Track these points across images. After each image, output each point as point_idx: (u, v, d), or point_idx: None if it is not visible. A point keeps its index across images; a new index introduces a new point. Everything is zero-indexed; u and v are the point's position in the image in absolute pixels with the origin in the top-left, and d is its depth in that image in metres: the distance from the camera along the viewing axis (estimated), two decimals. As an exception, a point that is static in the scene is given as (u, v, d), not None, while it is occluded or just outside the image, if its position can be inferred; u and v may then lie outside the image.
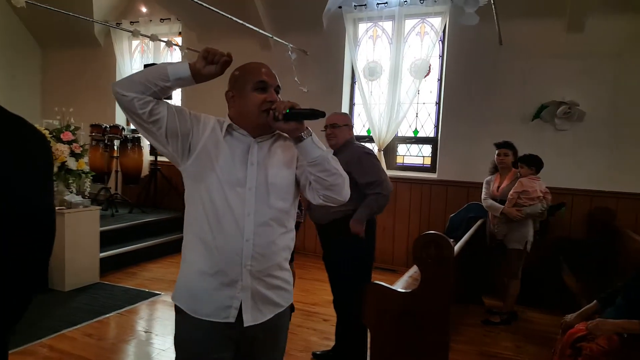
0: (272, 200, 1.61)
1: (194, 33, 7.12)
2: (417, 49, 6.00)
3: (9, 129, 0.75)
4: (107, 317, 4.03)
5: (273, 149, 1.66)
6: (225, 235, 1.55)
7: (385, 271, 5.66)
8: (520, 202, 4.17)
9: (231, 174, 1.57)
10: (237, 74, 1.71)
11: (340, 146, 3.18)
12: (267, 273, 1.61)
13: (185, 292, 1.62)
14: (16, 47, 8.18)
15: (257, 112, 1.60)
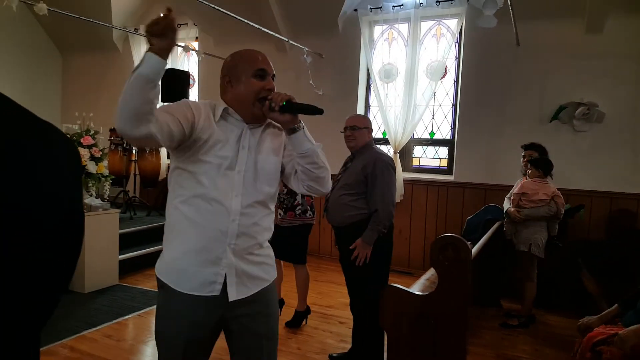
0: (259, 184, 1.68)
1: (210, 37, 7.20)
2: (433, 51, 5.98)
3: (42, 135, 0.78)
4: (126, 319, 4.08)
5: (264, 136, 1.72)
6: (212, 214, 1.61)
7: (401, 274, 5.64)
8: (522, 204, 4.18)
9: (222, 157, 1.62)
10: (233, 60, 1.73)
11: (359, 148, 3.19)
12: (249, 251, 1.68)
13: (169, 267, 1.67)
14: (37, 53, 8.35)
15: (254, 98, 1.65)
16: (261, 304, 1.73)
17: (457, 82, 5.91)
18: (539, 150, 4.42)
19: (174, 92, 6.70)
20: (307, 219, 3.98)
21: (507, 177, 5.14)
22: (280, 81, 6.53)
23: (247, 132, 1.68)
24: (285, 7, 6.27)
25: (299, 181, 1.73)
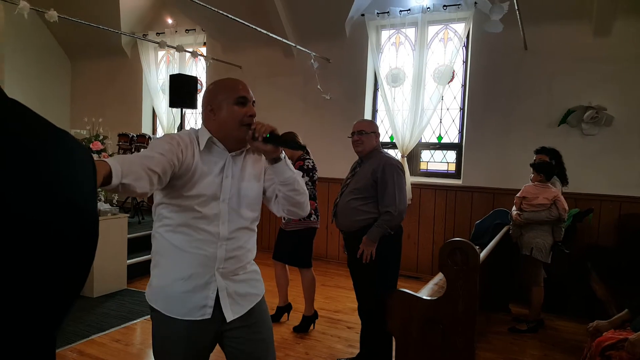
0: (243, 210, 1.75)
1: (218, 43, 7.24)
2: (440, 55, 5.99)
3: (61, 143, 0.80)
4: (134, 323, 4.11)
5: (245, 163, 1.78)
6: (200, 242, 1.67)
7: (409, 279, 5.63)
8: (523, 208, 4.19)
9: (208, 188, 1.67)
10: (214, 90, 1.76)
11: (366, 153, 3.19)
12: (235, 272, 1.75)
13: (159, 295, 1.72)
14: (47, 59, 8.45)
15: (237, 125, 1.69)
16: (254, 316, 1.80)
17: (465, 86, 5.90)
18: (551, 154, 4.40)
19: (182, 97, 6.73)
20: (312, 223, 3.99)
21: (516, 181, 5.11)
22: (287, 86, 6.60)
23: (230, 161, 1.73)
24: (292, 12, 6.30)
25: (279, 205, 1.81)
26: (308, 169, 3.94)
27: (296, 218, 3.78)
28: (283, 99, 6.76)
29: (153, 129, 8.29)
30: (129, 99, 8.17)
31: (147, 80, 7.88)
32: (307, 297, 4.02)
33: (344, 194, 3.20)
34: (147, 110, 8.21)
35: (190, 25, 7.46)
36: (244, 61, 7.00)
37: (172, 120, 7.61)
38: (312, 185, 3.98)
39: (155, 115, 8.07)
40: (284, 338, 3.88)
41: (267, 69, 6.88)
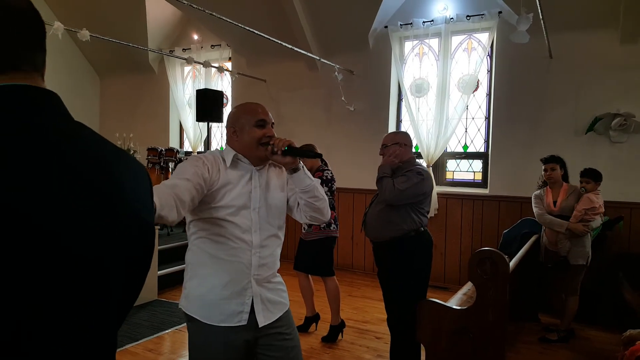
0: (271, 219, 1.90)
1: (243, 58, 7.38)
2: (464, 65, 6.00)
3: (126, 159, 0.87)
4: (165, 333, 4.19)
5: (269, 175, 1.95)
6: (236, 250, 1.81)
7: (437, 289, 5.59)
8: (587, 218, 4.09)
9: (237, 199, 1.81)
10: (237, 113, 1.94)
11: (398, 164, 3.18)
12: (268, 280, 1.89)
13: (198, 303, 1.83)
14: (76, 76, 8.69)
15: (257, 143, 1.86)
16: (283, 323, 1.92)
17: (490, 95, 5.89)
18: (559, 161, 4.34)
19: (208, 111, 6.87)
20: (331, 232, 4.06)
21: (543, 189, 5.06)
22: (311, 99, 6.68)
23: (255, 173, 1.89)
24: (316, 26, 6.39)
25: (301, 212, 1.95)
26: (327, 180, 4.01)
27: (318, 224, 3.83)
28: (307, 111, 6.84)
29: (180, 143, 8.46)
30: (157, 114, 8.36)
31: (174, 96, 8.06)
32: (332, 306, 4.05)
33: (374, 203, 3.22)
34: (175, 125, 8.39)
35: (216, 40, 7.62)
36: (268, 75, 7.12)
37: (199, 134, 7.76)
38: (331, 195, 4.04)
39: (182, 130, 8.24)
40: (313, 348, 3.91)
41: (291, 82, 6.98)
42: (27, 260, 0.66)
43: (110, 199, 0.78)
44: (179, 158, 7.19)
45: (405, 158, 3.20)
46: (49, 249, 0.68)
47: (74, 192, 0.72)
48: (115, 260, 0.79)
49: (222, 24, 5.50)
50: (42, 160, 0.70)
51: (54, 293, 0.70)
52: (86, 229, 0.73)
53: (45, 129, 0.74)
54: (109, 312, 0.82)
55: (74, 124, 0.80)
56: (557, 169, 4.27)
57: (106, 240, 0.76)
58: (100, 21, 7.40)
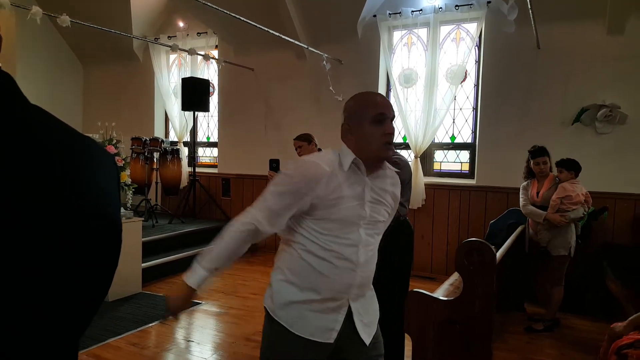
0: (375, 234, 1.76)
1: (230, 46, 7.28)
2: (452, 55, 5.97)
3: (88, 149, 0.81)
4: (150, 327, 4.12)
5: (380, 187, 1.74)
6: (341, 269, 1.65)
7: (424, 279, 5.61)
8: (563, 208, 4.10)
9: (352, 214, 1.65)
10: (353, 106, 1.71)
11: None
12: (364, 294, 1.78)
13: (287, 308, 1.69)
14: (58, 63, 8.50)
15: (378, 145, 1.63)
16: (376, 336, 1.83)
17: (478, 86, 5.87)
18: (549, 154, 4.34)
19: (195, 100, 6.78)
20: None
21: (530, 180, 5.08)
22: (300, 88, 6.63)
23: (368, 184, 1.69)
24: (304, 14, 6.31)
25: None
26: None
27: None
28: (296, 100, 6.78)
29: (165, 132, 8.34)
30: (141, 102, 8.23)
31: (159, 84, 7.92)
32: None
33: None
34: (160, 114, 8.27)
35: (202, 28, 7.50)
36: (256, 63, 7.03)
37: (185, 124, 7.65)
38: None
39: (168, 119, 8.12)
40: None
41: (279, 71, 6.90)
42: None
43: (63, 190, 0.72)
44: (164, 148, 7.09)
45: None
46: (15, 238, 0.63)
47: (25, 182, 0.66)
48: (71, 250, 0.73)
49: (209, 11, 5.40)
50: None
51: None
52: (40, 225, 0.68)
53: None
54: (64, 307, 0.75)
55: (30, 109, 0.74)
56: (547, 162, 4.28)
57: (64, 235, 0.71)
58: (83, 7, 7.22)
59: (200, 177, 7.29)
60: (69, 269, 0.73)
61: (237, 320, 4.36)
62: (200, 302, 4.75)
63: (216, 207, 7.29)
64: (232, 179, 7.38)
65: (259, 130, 7.12)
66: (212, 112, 7.61)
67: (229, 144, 7.47)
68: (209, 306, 4.70)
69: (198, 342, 3.91)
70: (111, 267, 0.83)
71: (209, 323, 4.36)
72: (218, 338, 4.02)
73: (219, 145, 7.62)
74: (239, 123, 7.30)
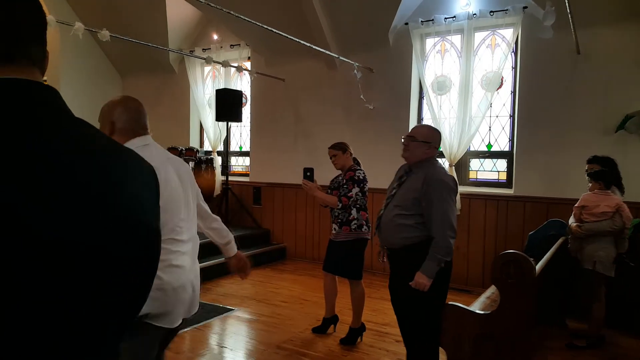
0: None
1: (262, 57, 7.35)
2: (488, 62, 5.85)
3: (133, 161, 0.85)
4: (184, 332, 4.16)
5: None
6: None
7: (459, 292, 5.46)
8: (582, 218, 3.95)
9: None
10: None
11: (417, 163, 2.92)
12: None
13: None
14: (99, 76, 8.77)
15: None
16: None
17: (515, 93, 5.74)
18: (602, 162, 4.18)
19: (228, 111, 6.89)
20: (362, 234, 3.94)
21: (570, 190, 4.91)
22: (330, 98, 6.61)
23: None
24: (335, 23, 6.32)
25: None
26: (358, 180, 3.91)
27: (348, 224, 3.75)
28: (326, 110, 6.78)
29: (200, 143, 8.48)
30: (177, 113, 8.40)
31: (194, 95, 8.08)
32: (355, 310, 3.96)
33: (389, 207, 2.95)
34: (195, 124, 8.42)
35: (235, 40, 7.61)
36: (287, 74, 7.08)
37: (219, 134, 7.77)
38: (363, 195, 3.95)
39: (202, 129, 8.26)
40: (331, 350, 3.84)
41: (309, 81, 6.93)
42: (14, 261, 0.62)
43: (104, 199, 0.74)
44: (199, 157, 7.21)
45: (423, 157, 2.91)
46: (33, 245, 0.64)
47: (64, 191, 0.68)
48: (109, 260, 0.74)
49: (241, 24, 5.47)
50: (30, 157, 0.66)
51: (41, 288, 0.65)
52: (76, 228, 0.69)
53: (41, 127, 0.70)
54: (105, 316, 0.76)
55: (72, 121, 0.77)
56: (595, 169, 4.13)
57: (98, 239, 0.72)
58: (122, 22, 7.45)
59: (232, 185, 7.36)
60: (110, 276, 0.75)
61: (268, 327, 4.35)
62: (233, 308, 4.77)
63: (248, 215, 7.34)
64: (263, 188, 7.43)
65: (290, 140, 7.15)
66: (244, 122, 7.69)
67: (260, 153, 7.53)
68: (242, 313, 4.72)
69: (231, 349, 3.95)
70: (150, 272, 0.85)
71: (241, 330, 4.39)
72: (250, 345, 4.03)
73: (251, 155, 7.69)
74: (270, 132, 7.35)
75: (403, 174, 3.01)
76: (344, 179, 3.96)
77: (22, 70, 0.74)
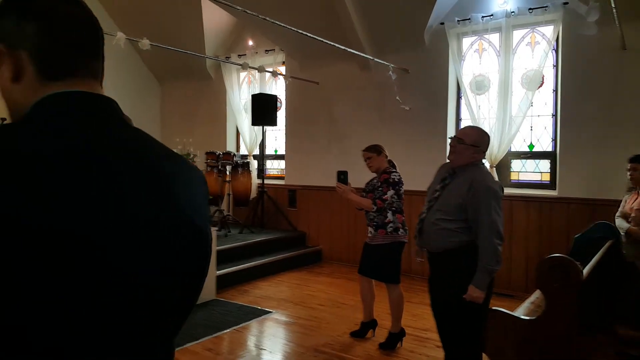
0: None
1: (296, 62, 7.39)
2: (527, 60, 5.70)
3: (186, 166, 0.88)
4: (224, 333, 4.22)
5: None
6: None
7: (500, 296, 5.31)
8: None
9: None
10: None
11: (462, 166, 2.85)
12: None
13: None
14: (138, 83, 9.01)
15: None
16: None
17: (557, 91, 5.56)
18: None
19: (263, 115, 6.98)
20: (399, 237, 3.89)
21: (617, 191, 4.71)
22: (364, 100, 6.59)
23: None
24: (368, 25, 6.29)
25: None
26: (394, 182, 3.87)
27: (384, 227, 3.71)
28: (360, 112, 6.75)
29: (237, 147, 8.60)
30: (214, 118, 8.54)
31: (231, 101, 8.19)
32: (394, 314, 3.92)
33: (432, 210, 2.87)
34: (231, 129, 8.54)
35: (270, 45, 7.68)
36: (321, 77, 7.09)
37: (254, 138, 7.86)
38: (399, 198, 3.90)
39: (239, 134, 8.37)
40: (370, 355, 3.80)
41: (343, 83, 6.92)
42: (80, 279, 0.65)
43: (166, 208, 0.77)
44: (235, 161, 7.33)
45: (470, 160, 2.84)
46: (101, 265, 0.67)
47: (129, 203, 0.72)
48: (172, 269, 0.78)
49: (276, 29, 5.52)
50: (97, 169, 0.70)
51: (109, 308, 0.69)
52: (140, 241, 0.72)
53: (100, 137, 0.74)
54: (166, 321, 0.81)
55: (131, 131, 0.82)
56: (638, 169, 3.95)
57: (162, 249, 0.76)
58: (160, 30, 7.63)
59: (268, 188, 7.42)
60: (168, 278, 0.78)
61: (306, 330, 4.36)
62: (271, 311, 4.79)
63: (283, 217, 7.38)
64: (298, 190, 7.46)
65: (324, 143, 7.16)
66: (279, 126, 7.75)
67: (295, 156, 7.56)
68: (279, 315, 4.74)
69: (270, 351, 3.98)
70: (203, 274, 0.88)
71: (279, 332, 4.42)
72: (288, 347, 4.05)
73: (286, 158, 7.74)
74: (305, 136, 7.38)
75: (446, 176, 2.92)
76: (379, 181, 3.93)
77: (85, 83, 0.79)
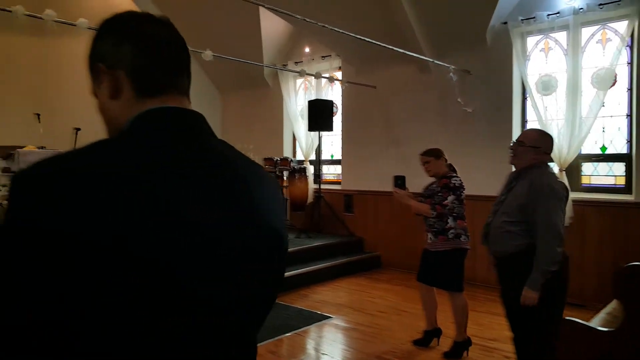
0: None
1: (352, 66, 7.39)
2: (598, 58, 5.40)
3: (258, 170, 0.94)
4: (286, 336, 4.25)
5: None
6: None
7: (571, 306, 5.02)
8: None
9: None
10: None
11: (525, 168, 2.82)
12: None
13: None
14: (200, 93, 9.32)
15: None
16: None
17: (631, 90, 5.23)
18: None
19: (320, 121, 7.02)
20: (461, 244, 3.77)
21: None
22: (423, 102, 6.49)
23: None
24: (427, 27, 6.18)
25: None
26: (454, 187, 3.76)
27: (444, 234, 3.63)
28: (419, 115, 6.65)
29: (293, 153, 8.70)
30: (271, 125, 8.69)
31: (287, 107, 8.31)
32: (457, 322, 3.79)
33: (498, 214, 2.86)
34: (288, 135, 8.65)
35: (326, 51, 7.73)
36: (377, 81, 7.04)
37: (311, 143, 7.92)
38: (460, 203, 3.78)
39: (295, 139, 8.46)
40: (434, 364, 3.70)
41: (401, 87, 6.84)
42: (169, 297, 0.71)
43: (250, 215, 0.83)
44: (292, 167, 7.41)
45: (531, 162, 2.80)
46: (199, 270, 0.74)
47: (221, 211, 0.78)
48: (257, 270, 0.85)
49: (332, 35, 5.54)
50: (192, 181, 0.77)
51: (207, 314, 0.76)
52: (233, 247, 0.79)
53: (190, 151, 0.81)
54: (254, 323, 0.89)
55: (217, 142, 0.88)
56: None
57: (248, 253, 0.82)
58: (220, 41, 7.86)
59: (324, 193, 7.44)
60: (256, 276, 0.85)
61: (366, 337, 4.31)
62: (330, 316, 4.78)
63: (340, 222, 7.36)
64: (355, 195, 7.42)
65: (381, 147, 7.09)
66: (336, 131, 7.77)
67: (351, 161, 7.55)
68: (339, 321, 4.71)
69: (331, 356, 3.96)
70: (282, 272, 0.96)
71: (338, 337, 4.41)
72: (349, 354, 4.02)
73: (342, 163, 7.74)
74: (361, 140, 7.34)
75: (512, 180, 2.91)
76: (438, 186, 3.83)
77: (176, 99, 0.87)
